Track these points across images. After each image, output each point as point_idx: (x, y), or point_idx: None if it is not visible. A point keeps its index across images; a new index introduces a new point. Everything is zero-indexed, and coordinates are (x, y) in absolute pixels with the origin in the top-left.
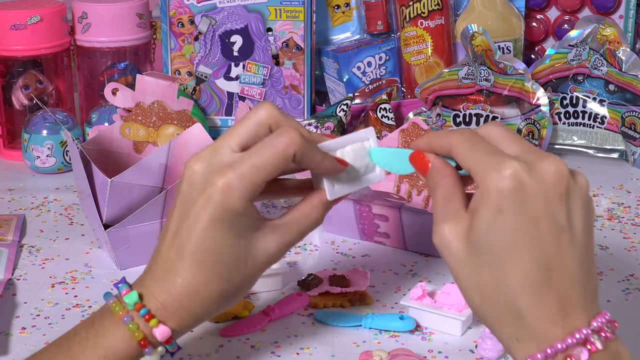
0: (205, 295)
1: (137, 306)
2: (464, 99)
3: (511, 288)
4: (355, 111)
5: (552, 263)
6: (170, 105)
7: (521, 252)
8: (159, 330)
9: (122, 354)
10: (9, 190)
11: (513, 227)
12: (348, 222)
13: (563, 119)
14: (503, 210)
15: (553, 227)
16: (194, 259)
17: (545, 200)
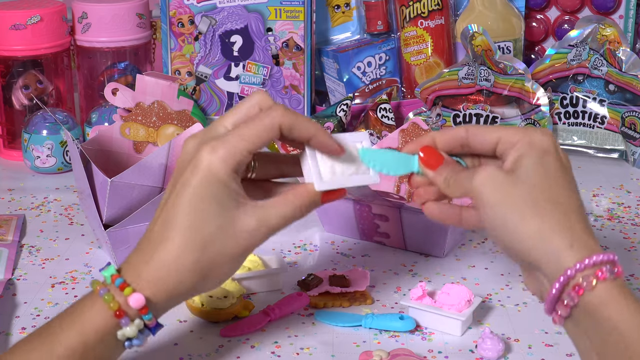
0: (180, 264)
1: (112, 277)
2: (464, 99)
3: (567, 206)
4: (355, 111)
5: (580, 201)
6: (170, 105)
7: (567, 184)
8: (133, 299)
9: (100, 327)
10: (9, 190)
11: (558, 166)
12: (348, 222)
13: (563, 119)
14: (550, 152)
15: (573, 181)
16: (174, 226)
17: (569, 164)
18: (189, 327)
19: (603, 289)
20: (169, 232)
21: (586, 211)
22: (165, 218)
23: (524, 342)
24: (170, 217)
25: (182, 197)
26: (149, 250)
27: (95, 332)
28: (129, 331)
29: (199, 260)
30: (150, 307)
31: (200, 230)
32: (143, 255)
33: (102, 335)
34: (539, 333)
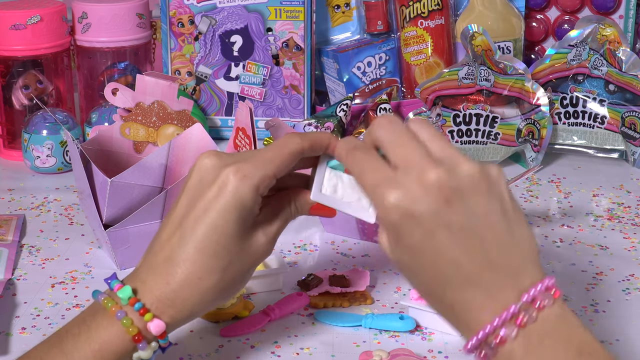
0: (202, 286)
1: (131, 301)
2: (464, 99)
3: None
4: (355, 111)
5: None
6: (170, 105)
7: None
8: (153, 325)
9: (116, 348)
10: (9, 190)
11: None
12: (348, 222)
13: (563, 119)
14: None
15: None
16: (196, 248)
17: (429, 211)
18: (189, 327)
19: (511, 349)
20: (189, 253)
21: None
22: (183, 236)
23: None
24: (190, 238)
25: (205, 219)
26: (169, 269)
27: (113, 354)
28: (144, 354)
29: (220, 281)
30: (168, 331)
31: (222, 257)
32: (163, 276)
33: (119, 357)
34: None
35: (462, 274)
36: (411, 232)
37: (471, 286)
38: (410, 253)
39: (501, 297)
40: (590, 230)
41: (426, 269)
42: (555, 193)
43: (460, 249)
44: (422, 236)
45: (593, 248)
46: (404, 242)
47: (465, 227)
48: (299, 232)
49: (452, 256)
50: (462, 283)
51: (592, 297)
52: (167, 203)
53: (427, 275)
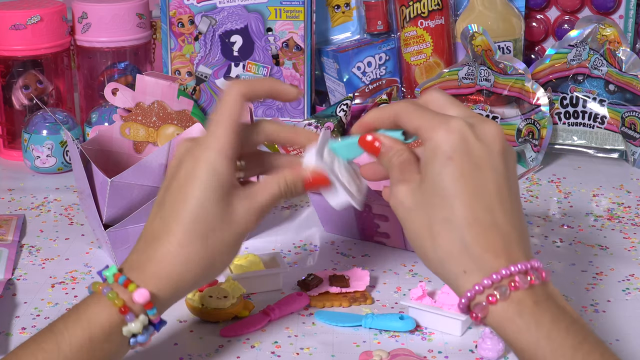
0: (184, 254)
1: (115, 276)
2: (464, 99)
3: (460, 224)
4: (355, 111)
5: (494, 204)
6: (170, 105)
7: (468, 193)
8: (137, 294)
9: (105, 324)
10: (9, 190)
11: (461, 171)
12: (348, 222)
13: (563, 119)
14: (453, 157)
15: (494, 176)
16: (176, 220)
17: (487, 153)
18: (189, 327)
19: (497, 312)
20: (170, 226)
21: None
22: (164, 215)
23: None
24: (169, 213)
25: (182, 193)
26: (152, 246)
27: (101, 329)
28: (134, 327)
29: (201, 250)
30: (154, 302)
31: (200, 221)
32: (145, 252)
33: (108, 333)
34: None
35: (462, 224)
36: (458, 164)
37: (495, 229)
38: (454, 173)
39: (515, 252)
40: (590, 230)
41: (463, 193)
42: (555, 193)
43: (497, 193)
44: (459, 171)
45: (593, 248)
46: (444, 173)
47: (504, 178)
48: (299, 232)
49: (463, 203)
50: (488, 223)
51: (592, 297)
52: None
53: (460, 201)
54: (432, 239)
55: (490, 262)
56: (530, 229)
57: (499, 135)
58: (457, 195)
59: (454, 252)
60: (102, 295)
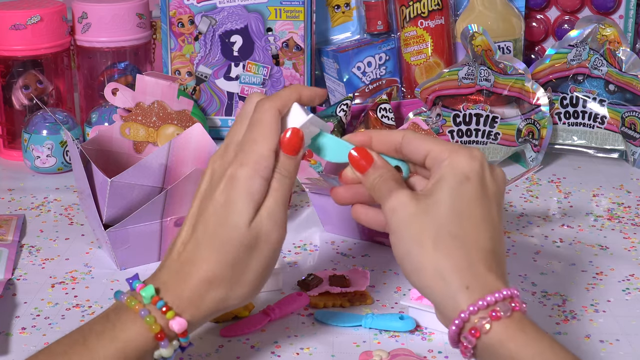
0: (219, 282)
1: (153, 299)
2: (464, 99)
3: (468, 242)
4: (355, 111)
5: (496, 234)
6: (170, 105)
7: (480, 217)
8: (175, 323)
9: (140, 346)
10: (9, 190)
11: (476, 194)
12: (348, 222)
13: (563, 119)
14: (471, 179)
15: (497, 209)
16: (209, 246)
17: (496, 188)
18: None
19: (499, 328)
20: (205, 252)
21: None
22: (199, 238)
23: None
24: (204, 237)
25: (216, 218)
26: (186, 269)
27: (135, 351)
28: (165, 352)
29: (237, 276)
30: (189, 330)
31: (235, 248)
32: (179, 275)
33: (142, 355)
34: None
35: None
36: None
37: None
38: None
39: (483, 285)
40: (590, 230)
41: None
42: (555, 193)
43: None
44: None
45: (593, 248)
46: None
47: (501, 218)
48: (299, 232)
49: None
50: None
51: (592, 297)
52: (167, 203)
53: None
54: (434, 250)
55: (492, 282)
56: (530, 229)
57: (505, 181)
58: (470, 215)
59: (459, 268)
60: (139, 316)
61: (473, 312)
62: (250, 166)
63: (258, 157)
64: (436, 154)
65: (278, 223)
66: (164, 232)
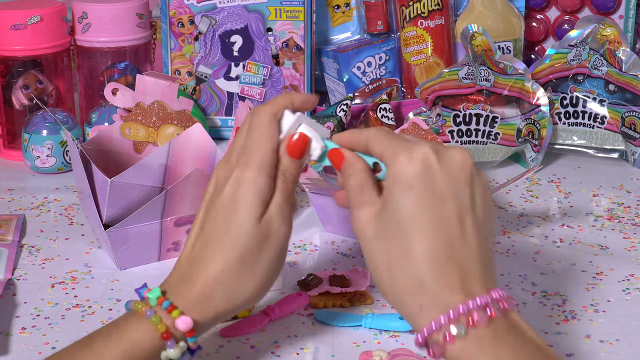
0: (226, 282)
1: (159, 300)
2: (464, 99)
3: (416, 258)
4: (355, 111)
5: (454, 238)
6: (170, 105)
7: (427, 226)
8: (181, 321)
9: (146, 346)
10: (9, 190)
11: (421, 202)
12: (348, 222)
13: (563, 119)
14: (413, 186)
15: (457, 206)
16: (216, 244)
17: (451, 182)
18: None
19: (456, 349)
20: (212, 251)
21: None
22: (205, 238)
23: None
24: (211, 237)
25: (223, 217)
26: (193, 270)
27: (142, 352)
28: (172, 353)
29: (245, 274)
30: (196, 330)
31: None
32: (187, 276)
33: (149, 356)
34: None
35: (420, 258)
36: (417, 194)
37: (453, 264)
38: (413, 204)
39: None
40: (590, 230)
41: (421, 225)
42: (555, 193)
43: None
44: (420, 201)
45: (593, 248)
46: (403, 205)
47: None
48: (299, 232)
49: (421, 237)
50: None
51: (592, 297)
52: (167, 203)
53: (418, 234)
54: (389, 272)
55: (447, 298)
56: (530, 229)
57: (465, 162)
58: (415, 229)
59: (410, 288)
60: (145, 317)
61: (428, 334)
62: (254, 166)
63: (261, 157)
64: (385, 159)
65: (286, 218)
66: (164, 232)
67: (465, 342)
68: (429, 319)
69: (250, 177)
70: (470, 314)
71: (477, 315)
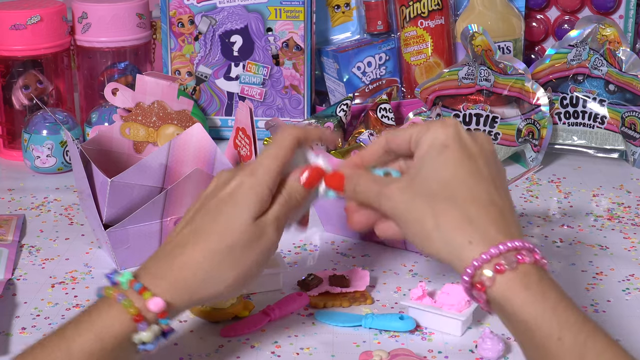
0: (204, 267)
1: (130, 282)
2: (464, 99)
3: (462, 200)
4: (355, 111)
5: (490, 187)
6: (170, 105)
7: (466, 175)
8: (152, 302)
9: (116, 330)
10: (9, 190)
11: (458, 158)
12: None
13: (563, 119)
14: (449, 145)
15: (487, 167)
16: (202, 232)
17: (480, 148)
18: (189, 327)
19: (504, 282)
20: (197, 237)
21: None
22: (193, 227)
23: None
24: (200, 226)
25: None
26: (174, 254)
27: (113, 336)
28: (145, 336)
29: (225, 264)
30: (168, 312)
31: (228, 238)
32: (165, 260)
33: (120, 340)
34: None
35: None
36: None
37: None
38: (451, 159)
39: (513, 230)
40: (590, 230)
41: (460, 175)
42: (555, 193)
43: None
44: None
45: (593, 248)
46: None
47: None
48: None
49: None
50: (463, 209)
51: (592, 297)
52: (167, 203)
53: (460, 182)
54: (434, 219)
55: (495, 234)
56: (530, 229)
57: (488, 139)
58: (456, 176)
59: (459, 225)
60: (116, 301)
61: (478, 266)
62: (259, 176)
63: (267, 171)
64: (415, 136)
65: (280, 230)
66: (164, 232)
67: (514, 275)
68: (479, 251)
69: (252, 183)
70: (518, 250)
71: (524, 253)
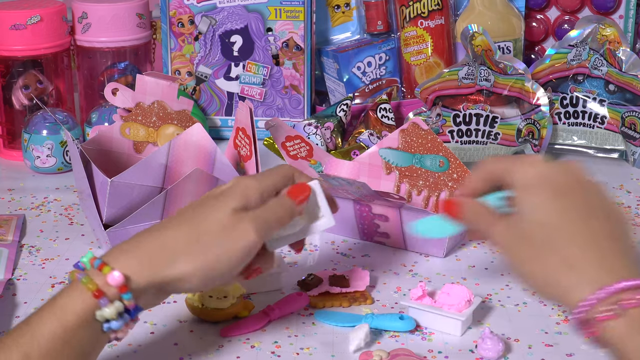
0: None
1: (91, 260)
2: (464, 99)
3: (561, 242)
4: (355, 111)
5: (591, 219)
6: (170, 105)
7: (561, 214)
8: (111, 277)
9: (78, 310)
10: (9, 190)
11: (550, 197)
12: (348, 222)
13: (563, 119)
14: (538, 185)
15: (583, 197)
16: (183, 221)
17: (571, 179)
18: (189, 327)
19: (614, 326)
20: (175, 221)
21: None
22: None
23: (524, 342)
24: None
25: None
26: (145, 234)
27: (75, 315)
28: (107, 312)
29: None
30: (130, 287)
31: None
32: (135, 239)
33: (82, 319)
34: (539, 333)
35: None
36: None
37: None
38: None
39: (590, 280)
40: None
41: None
42: None
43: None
44: (559, 200)
45: None
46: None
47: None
48: None
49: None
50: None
51: None
52: (167, 203)
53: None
54: (539, 264)
55: (597, 278)
56: None
57: (577, 167)
58: (551, 219)
59: (559, 270)
60: (78, 281)
61: (584, 310)
62: (258, 182)
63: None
64: (507, 174)
65: (259, 231)
66: None
67: (622, 320)
68: (582, 296)
69: (246, 184)
70: (624, 292)
71: (632, 294)
